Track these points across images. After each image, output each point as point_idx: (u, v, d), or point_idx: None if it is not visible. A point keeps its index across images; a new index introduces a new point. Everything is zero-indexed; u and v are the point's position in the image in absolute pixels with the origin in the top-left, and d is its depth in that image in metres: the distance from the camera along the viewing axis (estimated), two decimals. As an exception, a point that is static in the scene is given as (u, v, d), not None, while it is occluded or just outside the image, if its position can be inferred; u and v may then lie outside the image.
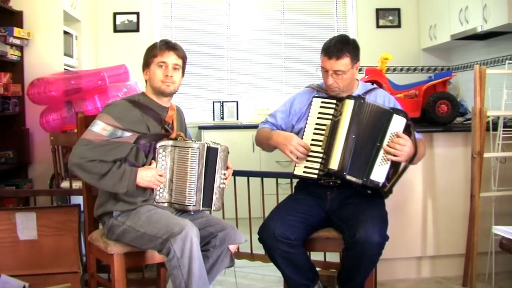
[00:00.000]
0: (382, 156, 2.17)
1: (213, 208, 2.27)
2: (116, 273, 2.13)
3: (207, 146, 2.23)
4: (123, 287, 2.16)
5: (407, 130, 2.21)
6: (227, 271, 3.19)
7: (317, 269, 2.33)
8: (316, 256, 2.77)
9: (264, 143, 2.44)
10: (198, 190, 2.20)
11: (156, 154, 2.18)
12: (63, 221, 2.73)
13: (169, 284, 2.08)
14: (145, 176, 2.13)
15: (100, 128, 2.09)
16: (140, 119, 2.18)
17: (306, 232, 2.22)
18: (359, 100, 2.19)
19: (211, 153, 2.25)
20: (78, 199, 2.90)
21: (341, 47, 2.25)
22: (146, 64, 2.26)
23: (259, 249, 2.55)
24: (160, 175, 2.17)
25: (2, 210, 2.82)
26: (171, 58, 2.23)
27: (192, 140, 2.26)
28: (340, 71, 2.25)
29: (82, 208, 2.74)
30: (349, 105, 2.19)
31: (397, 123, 2.19)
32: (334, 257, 2.95)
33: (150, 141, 2.18)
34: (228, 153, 2.32)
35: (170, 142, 2.21)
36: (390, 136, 2.17)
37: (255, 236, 2.28)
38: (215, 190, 2.27)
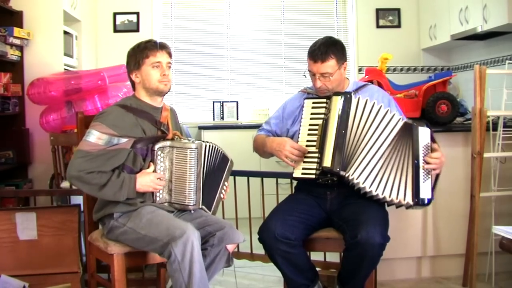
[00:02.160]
0: (423, 172, 2.13)
1: (210, 212, 2.31)
2: (116, 273, 2.13)
3: (209, 145, 2.26)
4: (123, 287, 2.16)
5: (432, 138, 2.19)
6: (227, 271, 3.19)
7: (317, 269, 2.33)
8: (316, 256, 2.76)
9: (260, 150, 2.47)
10: (197, 189, 2.21)
11: (155, 157, 2.17)
12: (63, 221, 2.72)
13: (169, 283, 2.08)
14: (143, 182, 2.12)
15: (95, 137, 2.06)
16: (135, 123, 2.16)
17: (306, 232, 2.22)
18: (345, 95, 2.19)
19: (219, 157, 2.32)
20: (78, 199, 2.90)
21: (326, 49, 2.25)
22: (137, 66, 2.22)
23: (259, 249, 2.55)
24: (159, 178, 2.16)
25: (2, 210, 2.82)
26: (164, 57, 2.22)
27: (190, 140, 2.24)
28: (327, 73, 2.26)
29: (82, 208, 2.74)
30: (337, 101, 2.19)
31: (424, 135, 2.15)
32: (334, 257, 2.95)
33: (147, 144, 2.17)
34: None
35: (168, 143, 2.20)
36: (423, 150, 2.14)
37: (255, 236, 2.28)
38: (216, 198, 2.34)
